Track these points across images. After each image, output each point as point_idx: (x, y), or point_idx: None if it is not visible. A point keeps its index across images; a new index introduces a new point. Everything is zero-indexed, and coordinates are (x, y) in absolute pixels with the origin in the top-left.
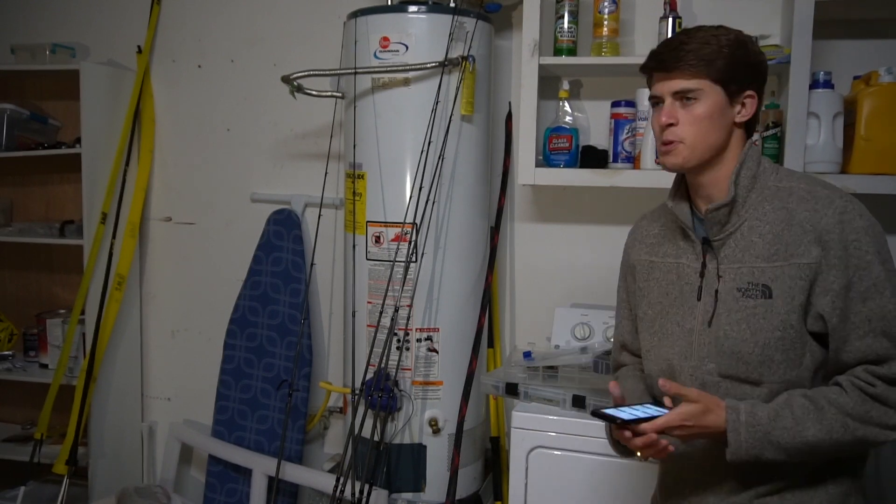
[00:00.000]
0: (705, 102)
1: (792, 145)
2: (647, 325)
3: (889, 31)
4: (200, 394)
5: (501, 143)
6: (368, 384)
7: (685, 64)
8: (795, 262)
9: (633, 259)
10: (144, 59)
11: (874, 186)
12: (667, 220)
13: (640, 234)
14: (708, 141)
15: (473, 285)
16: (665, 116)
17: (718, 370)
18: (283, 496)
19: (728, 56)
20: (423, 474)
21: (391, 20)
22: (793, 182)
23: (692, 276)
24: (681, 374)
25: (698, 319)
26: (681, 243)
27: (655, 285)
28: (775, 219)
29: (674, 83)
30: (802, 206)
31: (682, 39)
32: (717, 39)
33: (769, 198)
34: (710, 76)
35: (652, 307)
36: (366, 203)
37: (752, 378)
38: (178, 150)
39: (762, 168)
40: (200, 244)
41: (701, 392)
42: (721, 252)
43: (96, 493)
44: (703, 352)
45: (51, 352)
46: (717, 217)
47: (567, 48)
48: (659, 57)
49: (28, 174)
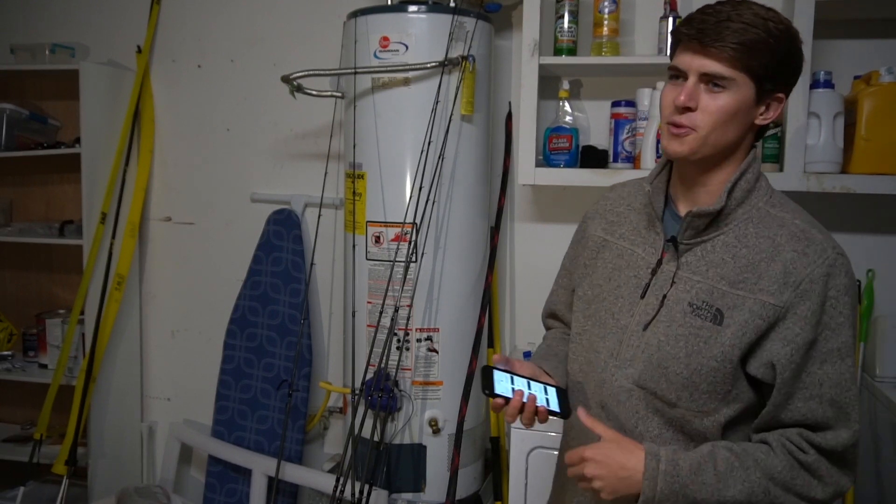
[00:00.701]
0: (734, 95)
1: (792, 145)
2: (582, 307)
3: (889, 31)
4: (200, 394)
5: (501, 143)
6: (368, 384)
7: (727, 46)
8: (761, 300)
9: (590, 231)
10: (144, 59)
11: (874, 186)
12: (634, 201)
13: (604, 206)
14: (723, 138)
15: (473, 285)
16: (685, 96)
17: (637, 378)
18: (282, 496)
19: (774, 50)
20: (423, 474)
21: (391, 20)
22: (786, 213)
23: (643, 270)
24: (603, 370)
25: (635, 319)
26: (642, 231)
27: (601, 265)
28: (756, 246)
29: (707, 63)
30: (792, 245)
31: (730, 14)
32: (767, 26)
33: (755, 220)
34: (749, 68)
35: (592, 288)
36: (366, 203)
37: (668, 398)
38: (178, 150)
39: (759, 185)
40: (200, 244)
41: (617, 434)
42: (682, 257)
43: (96, 493)
44: (629, 354)
45: (50, 352)
46: (696, 223)
47: (567, 48)
48: (700, 26)
49: (28, 174)
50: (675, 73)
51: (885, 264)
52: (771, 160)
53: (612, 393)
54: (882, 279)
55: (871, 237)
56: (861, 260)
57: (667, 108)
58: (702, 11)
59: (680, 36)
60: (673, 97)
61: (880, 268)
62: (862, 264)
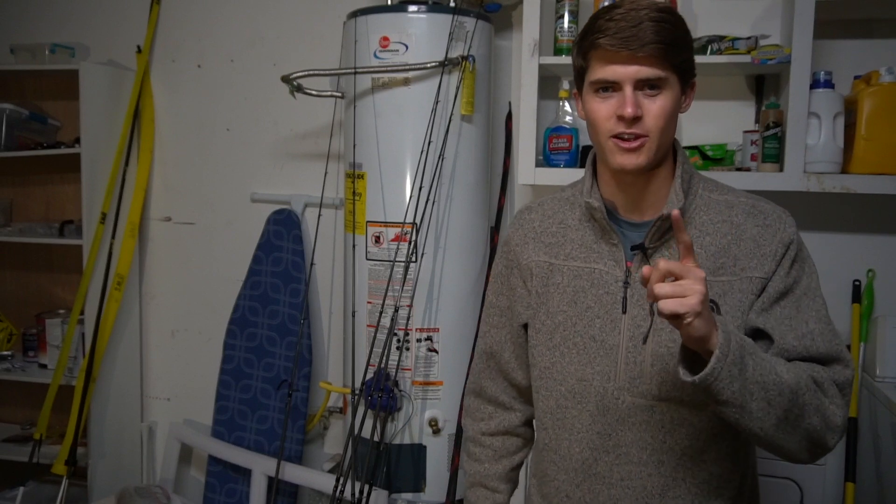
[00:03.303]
0: (669, 93)
1: (792, 145)
2: (544, 339)
3: (889, 31)
4: (200, 394)
5: (501, 143)
6: (368, 384)
7: (654, 46)
8: (747, 276)
9: (527, 260)
10: (144, 58)
11: (874, 186)
12: (566, 218)
13: (532, 230)
14: (668, 137)
15: (473, 285)
16: (632, 107)
17: (658, 393)
18: (282, 496)
19: (686, 40)
20: (423, 474)
21: (391, 20)
22: (727, 195)
23: (612, 286)
24: (602, 396)
25: (625, 335)
26: (592, 246)
27: (556, 292)
28: (718, 231)
29: (642, 69)
30: (751, 222)
31: (640, 16)
32: (672, 19)
33: (704, 208)
34: (675, 64)
35: (552, 316)
36: (366, 203)
37: (696, 401)
38: (178, 150)
39: (693, 173)
40: (200, 244)
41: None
42: (652, 261)
43: (96, 493)
44: (634, 371)
45: (50, 352)
46: (664, 225)
47: (567, 48)
48: (620, 35)
49: (28, 174)
50: (605, 84)
51: (885, 264)
52: (771, 160)
53: (621, 417)
54: (882, 279)
55: (871, 237)
56: (861, 260)
57: (605, 121)
58: (609, 19)
59: (598, 47)
60: (610, 111)
61: (880, 268)
62: (862, 264)
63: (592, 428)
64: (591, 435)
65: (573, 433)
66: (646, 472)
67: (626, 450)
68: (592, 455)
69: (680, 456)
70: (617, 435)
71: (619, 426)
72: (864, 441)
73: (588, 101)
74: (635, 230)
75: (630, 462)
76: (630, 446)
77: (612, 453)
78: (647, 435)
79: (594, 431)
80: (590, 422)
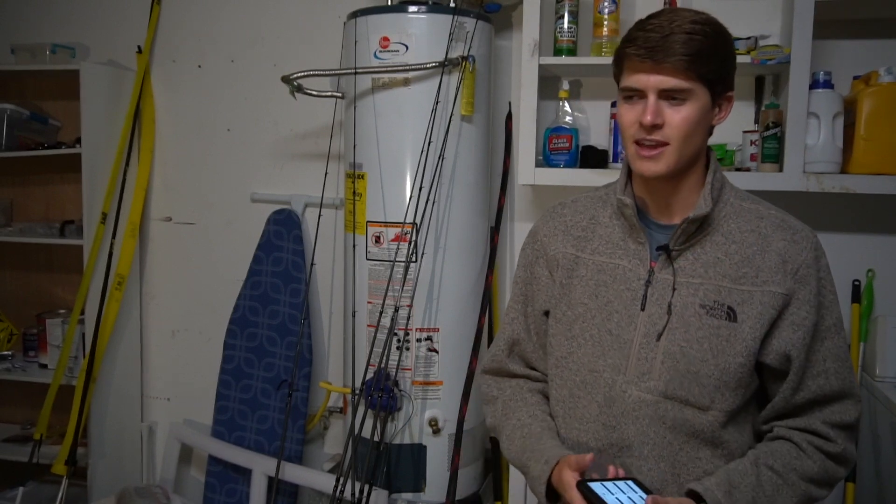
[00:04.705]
0: (694, 104)
1: (792, 145)
2: (563, 328)
3: (889, 31)
4: (200, 394)
5: (501, 143)
6: (368, 384)
7: (678, 59)
8: (769, 290)
9: (554, 251)
10: (144, 59)
11: (874, 186)
12: (598, 215)
13: (562, 223)
14: (692, 146)
15: (473, 285)
16: (651, 115)
17: (665, 390)
18: (282, 496)
19: (717, 53)
20: (423, 474)
21: (391, 20)
22: (758, 205)
23: (634, 283)
24: (610, 388)
25: (640, 331)
26: (619, 243)
27: (579, 284)
28: (745, 240)
29: (664, 79)
30: (779, 235)
31: (671, 27)
32: (706, 31)
33: (734, 216)
34: (701, 76)
35: (573, 308)
36: (366, 203)
37: (701, 403)
38: (178, 150)
39: (725, 181)
40: (200, 244)
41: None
42: (676, 263)
43: (96, 493)
44: (644, 367)
45: (50, 352)
46: (690, 228)
47: (567, 48)
48: (647, 45)
49: (28, 174)
50: (631, 92)
51: (885, 264)
52: (770, 160)
53: (626, 410)
54: (882, 279)
55: (871, 237)
56: (861, 260)
57: (630, 127)
58: (642, 29)
59: (628, 56)
60: (635, 117)
61: (880, 268)
62: (862, 264)
63: (599, 419)
64: (597, 426)
65: (582, 423)
66: (646, 467)
67: (628, 443)
68: (598, 446)
69: (679, 453)
70: (621, 427)
71: (623, 419)
72: (864, 441)
73: (619, 106)
74: (662, 231)
75: (632, 455)
76: (633, 440)
77: (616, 446)
78: (649, 430)
79: (600, 423)
80: (597, 412)
